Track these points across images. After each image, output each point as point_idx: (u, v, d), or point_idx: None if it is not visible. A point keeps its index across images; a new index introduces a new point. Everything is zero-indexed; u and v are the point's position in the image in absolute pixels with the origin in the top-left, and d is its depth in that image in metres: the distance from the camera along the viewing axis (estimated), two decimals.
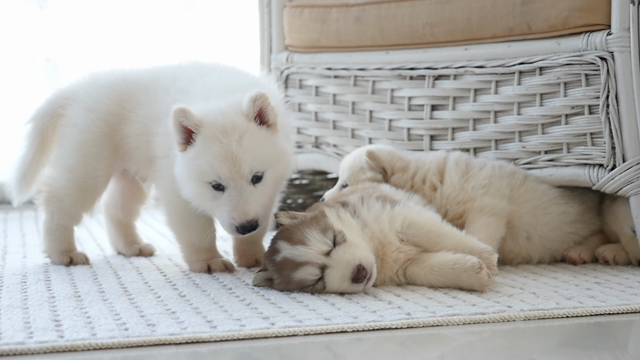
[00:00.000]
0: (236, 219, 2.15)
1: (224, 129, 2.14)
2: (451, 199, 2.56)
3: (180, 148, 2.19)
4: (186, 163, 2.18)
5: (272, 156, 2.20)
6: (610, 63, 2.42)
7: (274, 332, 1.80)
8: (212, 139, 2.14)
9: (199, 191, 2.19)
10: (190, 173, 2.18)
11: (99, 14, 3.94)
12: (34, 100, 3.85)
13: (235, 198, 2.14)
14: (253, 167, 2.15)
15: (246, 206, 2.14)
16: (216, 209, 2.19)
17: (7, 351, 1.66)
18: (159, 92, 2.41)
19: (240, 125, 2.15)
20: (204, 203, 2.22)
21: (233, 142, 2.13)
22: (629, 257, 2.55)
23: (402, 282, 2.25)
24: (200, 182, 2.17)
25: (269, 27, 3.23)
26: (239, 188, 2.14)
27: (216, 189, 2.16)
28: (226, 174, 2.13)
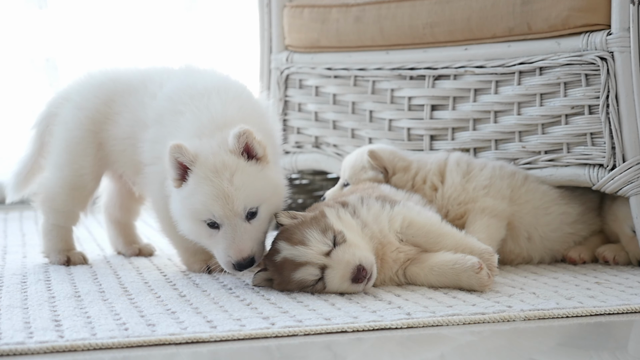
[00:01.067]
0: (232, 257, 2.14)
1: (214, 168, 2.13)
2: (452, 199, 2.56)
3: (175, 184, 2.18)
4: (181, 201, 2.18)
5: (265, 191, 2.18)
6: (610, 63, 2.42)
7: (274, 332, 1.80)
8: (204, 178, 2.13)
9: (194, 229, 2.19)
10: (184, 211, 2.17)
11: (99, 14, 3.94)
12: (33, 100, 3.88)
13: (230, 236, 2.14)
14: (247, 204, 2.14)
15: (241, 244, 2.14)
16: (213, 247, 2.19)
17: (7, 351, 1.66)
18: (145, 96, 2.40)
19: (231, 164, 2.14)
20: (200, 240, 2.22)
21: (224, 181, 2.12)
22: (629, 257, 2.55)
23: (402, 282, 2.25)
24: (195, 220, 2.16)
25: (269, 27, 3.22)
26: (234, 226, 2.13)
27: (211, 227, 2.15)
28: (219, 213, 2.12)
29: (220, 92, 2.31)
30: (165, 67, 2.52)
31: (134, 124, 2.39)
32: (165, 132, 2.28)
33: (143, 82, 2.44)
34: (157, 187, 2.31)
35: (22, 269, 2.45)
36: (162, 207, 2.32)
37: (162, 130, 2.30)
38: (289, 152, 3.18)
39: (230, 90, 2.35)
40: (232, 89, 2.36)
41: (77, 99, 2.51)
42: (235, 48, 4.05)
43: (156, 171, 2.30)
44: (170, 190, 2.22)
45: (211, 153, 2.15)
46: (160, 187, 2.28)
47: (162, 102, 2.34)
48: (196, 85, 2.34)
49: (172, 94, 2.34)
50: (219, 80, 2.40)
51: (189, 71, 2.47)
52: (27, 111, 3.90)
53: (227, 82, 2.41)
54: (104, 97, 2.48)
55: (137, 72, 2.53)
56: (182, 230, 2.23)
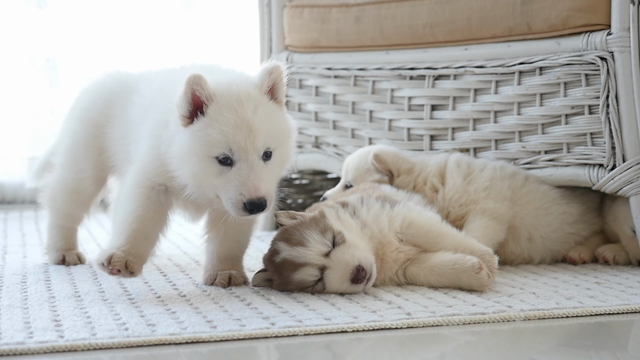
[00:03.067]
0: (245, 194, 1.98)
1: (239, 98, 2.01)
2: (454, 201, 2.56)
3: (183, 122, 2.03)
4: (192, 136, 2.01)
5: (283, 132, 2.08)
6: (610, 63, 2.42)
7: (274, 332, 1.80)
8: (227, 107, 1.99)
9: (202, 167, 2.01)
10: (195, 146, 2.00)
11: (99, 14, 3.94)
12: (33, 100, 3.88)
13: (245, 172, 1.99)
14: (266, 141, 2.02)
15: (257, 181, 1.99)
16: (221, 186, 2.01)
17: (7, 351, 1.66)
18: (137, 96, 2.32)
19: (255, 97, 2.03)
20: (206, 181, 2.03)
21: (249, 112, 2.00)
22: (629, 257, 2.55)
23: (402, 282, 2.25)
24: (205, 156, 2.00)
25: (269, 27, 3.22)
26: (251, 162, 1.99)
27: (223, 164, 2.00)
28: (240, 144, 1.98)
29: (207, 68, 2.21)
30: (165, 68, 2.45)
31: (126, 124, 2.32)
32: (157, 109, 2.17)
33: (137, 83, 2.37)
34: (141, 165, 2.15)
35: (22, 269, 2.45)
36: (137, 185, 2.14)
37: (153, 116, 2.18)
38: None
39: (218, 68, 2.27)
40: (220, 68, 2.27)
41: (85, 100, 2.48)
42: (235, 48, 4.05)
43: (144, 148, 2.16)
44: (174, 135, 2.05)
45: (234, 83, 2.04)
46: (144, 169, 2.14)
47: (152, 95, 2.25)
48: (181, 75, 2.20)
49: (160, 88, 2.25)
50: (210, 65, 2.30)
51: (180, 68, 2.36)
52: (27, 111, 3.90)
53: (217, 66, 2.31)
54: (107, 99, 2.42)
55: (138, 73, 2.47)
56: (184, 172, 2.04)
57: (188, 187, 2.09)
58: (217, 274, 2.23)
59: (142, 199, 2.13)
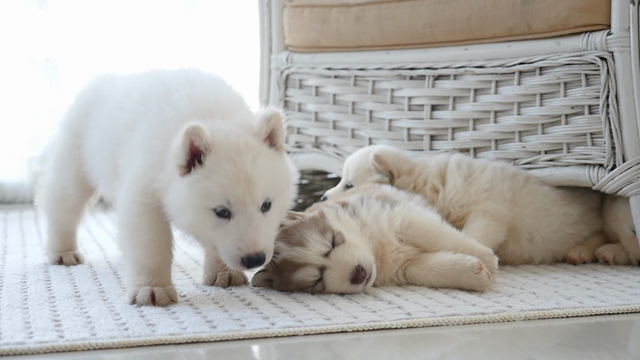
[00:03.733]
0: (243, 249, 1.90)
1: (237, 149, 1.91)
2: (454, 201, 2.56)
3: (181, 172, 1.92)
4: (188, 186, 1.91)
5: (282, 182, 2.00)
6: (610, 63, 2.42)
7: (274, 332, 1.80)
8: (226, 159, 1.90)
9: (199, 219, 1.92)
10: (192, 198, 1.91)
11: (99, 14, 3.94)
12: (33, 100, 3.88)
13: (243, 226, 1.90)
14: (265, 192, 1.93)
15: (256, 235, 1.90)
16: (219, 239, 1.93)
17: (7, 351, 1.66)
18: (113, 108, 2.21)
19: (254, 146, 1.94)
20: (203, 232, 1.95)
21: (248, 163, 1.91)
22: (629, 257, 2.55)
23: (402, 283, 2.25)
24: (202, 208, 1.91)
25: (269, 27, 3.23)
26: (249, 215, 1.90)
27: (220, 217, 1.91)
28: (239, 197, 1.89)
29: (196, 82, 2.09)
30: (138, 72, 2.32)
31: (102, 137, 2.23)
32: (145, 129, 2.05)
33: (110, 92, 2.28)
34: (130, 185, 2.04)
35: (22, 269, 2.45)
36: (130, 207, 2.04)
37: (137, 135, 2.08)
38: (289, 152, 3.18)
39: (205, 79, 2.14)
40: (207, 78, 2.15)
41: (70, 105, 2.44)
42: (236, 48, 4.05)
43: (131, 169, 2.05)
44: (170, 181, 1.96)
45: (232, 132, 1.94)
46: (133, 185, 2.03)
47: (134, 107, 2.13)
48: (164, 81, 2.13)
49: (141, 98, 2.13)
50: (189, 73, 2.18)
51: (153, 72, 2.25)
52: (27, 111, 3.90)
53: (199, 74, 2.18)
54: (84, 109, 2.37)
55: (111, 79, 2.38)
56: (180, 222, 1.96)
57: (188, 235, 2.03)
58: (217, 274, 2.22)
59: (146, 228, 2.03)
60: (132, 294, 2.02)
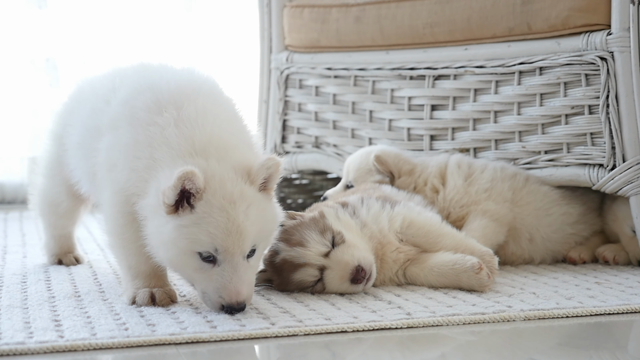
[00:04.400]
0: (225, 298, 1.86)
1: (232, 199, 1.84)
2: (454, 202, 2.56)
3: (167, 210, 1.84)
4: (176, 229, 1.84)
5: (270, 228, 1.95)
6: (610, 63, 2.42)
7: (274, 332, 1.80)
8: (218, 208, 1.83)
9: (181, 260, 1.87)
10: (177, 240, 1.84)
11: (99, 14, 3.94)
12: (33, 100, 3.88)
13: (228, 275, 1.85)
14: (254, 241, 1.88)
15: (240, 285, 1.86)
16: (200, 282, 1.89)
17: (7, 351, 1.66)
18: (97, 102, 2.12)
19: (248, 195, 1.86)
20: (183, 271, 1.91)
21: (240, 214, 1.84)
22: (629, 257, 2.55)
23: (402, 283, 2.25)
24: (187, 250, 1.85)
25: (269, 27, 3.23)
26: (235, 264, 1.85)
27: (205, 261, 1.86)
28: (227, 248, 1.84)
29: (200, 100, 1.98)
30: (115, 68, 2.25)
31: (84, 132, 2.13)
32: (128, 141, 1.96)
33: (93, 88, 2.19)
34: (112, 195, 2.00)
35: (22, 269, 2.45)
36: (116, 218, 2.00)
37: (119, 138, 1.99)
38: (289, 152, 3.18)
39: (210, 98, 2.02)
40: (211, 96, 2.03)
41: (57, 110, 2.38)
42: (235, 48, 4.05)
43: (112, 179, 1.99)
44: (154, 214, 1.88)
45: (228, 180, 1.86)
46: (116, 196, 1.98)
47: (117, 108, 2.03)
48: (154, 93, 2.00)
49: (130, 98, 2.03)
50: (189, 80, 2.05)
51: (143, 69, 2.16)
52: (27, 111, 3.90)
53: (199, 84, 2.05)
54: (66, 113, 2.30)
55: (89, 78, 2.30)
56: (161, 257, 1.91)
57: (168, 268, 1.99)
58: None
59: (135, 236, 1.97)
60: (132, 296, 2.01)
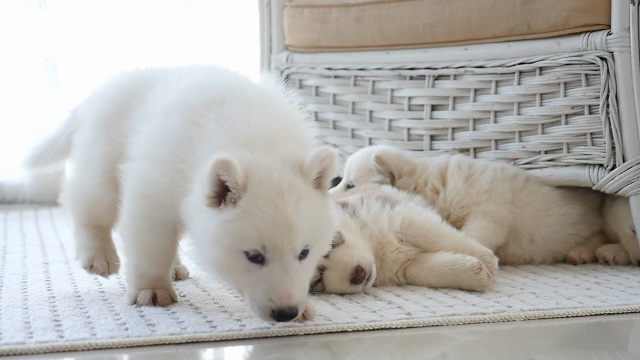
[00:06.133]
0: (276, 302, 1.70)
1: (280, 189, 1.70)
2: (455, 202, 2.56)
3: (207, 202, 1.72)
4: (219, 225, 1.71)
5: (324, 227, 1.79)
6: (610, 63, 2.42)
7: (274, 332, 1.80)
8: (265, 199, 1.69)
9: (227, 260, 1.73)
10: (222, 237, 1.71)
11: (99, 14, 3.94)
12: (33, 100, 3.88)
13: (278, 275, 1.70)
14: (306, 239, 1.73)
15: (291, 287, 1.70)
16: (247, 285, 1.74)
17: (7, 351, 1.66)
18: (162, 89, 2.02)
19: (299, 187, 1.72)
20: (230, 274, 1.76)
21: (290, 206, 1.69)
22: (629, 257, 2.55)
23: (402, 283, 2.25)
24: (233, 249, 1.71)
25: (269, 27, 3.23)
26: (285, 263, 1.70)
27: (252, 261, 1.71)
28: (276, 244, 1.69)
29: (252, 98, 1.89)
30: (188, 65, 2.15)
31: (142, 117, 2.01)
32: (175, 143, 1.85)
33: (165, 75, 2.08)
34: (138, 184, 1.90)
35: (22, 269, 2.45)
36: (138, 211, 1.91)
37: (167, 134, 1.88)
38: None
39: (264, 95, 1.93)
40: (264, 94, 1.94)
41: (98, 99, 2.19)
42: (235, 48, 4.05)
43: (138, 170, 1.90)
44: (197, 211, 1.76)
45: (275, 170, 1.72)
46: (141, 185, 1.88)
47: (173, 96, 1.95)
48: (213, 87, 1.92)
49: (187, 91, 1.94)
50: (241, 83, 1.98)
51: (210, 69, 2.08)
52: (27, 111, 3.90)
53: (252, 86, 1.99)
54: (120, 100, 2.11)
55: (160, 68, 2.18)
56: (206, 259, 1.78)
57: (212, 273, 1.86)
58: None
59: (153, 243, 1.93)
60: (133, 295, 2.00)
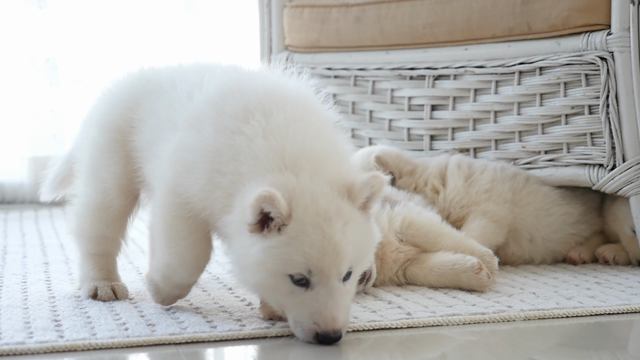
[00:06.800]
0: (321, 325, 1.69)
1: (327, 215, 1.68)
2: (455, 202, 2.56)
3: (250, 229, 1.70)
4: (264, 250, 1.69)
5: (368, 249, 1.79)
6: (610, 63, 2.42)
7: (273, 332, 1.80)
8: (313, 226, 1.67)
9: (271, 283, 1.71)
10: (267, 262, 1.69)
11: (99, 13, 3.94)
12: (33, 100, 3.88)
13: (324, 299, 1.69)
14: (351, 262, 1.72)
15: (336, 311, 1.69)
16: (292, 307, 1.72)
17: (7, 351, 1.66)
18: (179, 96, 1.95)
19: (345, 212, 1.71)
20: (273, 296, 1.74)
21: (337, 232, 1.68)
22: (629, 257, 2.55)
23: (402, 283, 2.25)
24: (278, 273, 1.70)
25: (269, 27, 3.22)
26: (330, 287, 1.69)
27: (297, 284, 1.70)
28: (323, 269, 1.68)
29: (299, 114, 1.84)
30: (202, 64, 2.07)
31: (158, 128, 1.94)
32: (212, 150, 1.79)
33: (171, 80, 2.00)
34: (168, 195, 1.84)
35: (22, 269, 2.45)
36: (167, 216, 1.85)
37: (201, 142, 1.81)
38: None
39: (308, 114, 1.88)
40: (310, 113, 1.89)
41: (104, 102, 2.11)
42: (235, 48, 4.05)
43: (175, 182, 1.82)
44: (239, 232, 1.73)
45: (322, 195, 1.70)
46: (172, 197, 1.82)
47: (202, 106, 1.86)
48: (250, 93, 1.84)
49: (218, 100, 1.85)
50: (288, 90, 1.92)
51: (233, 70, 2.00)
52: (27, 111, 3.90)
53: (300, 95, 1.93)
54: (131, 101, 2.05)
55: (168, 70, 2.09)
56: (247, 280, 1.75)
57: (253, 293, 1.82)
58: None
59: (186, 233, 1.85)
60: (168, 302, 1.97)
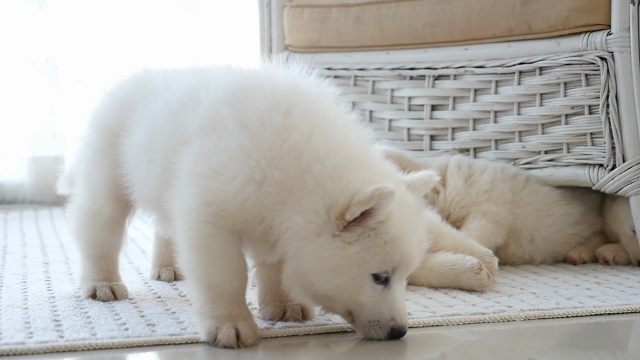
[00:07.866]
0: (397, 321, 1.70)
1: (417, 211, 1.72)
2: (455, 203, 2.56)
3: (341, 228, 1.63)
4: (361, 252, 1.64)
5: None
6: (610, 63, 2.42)
7: (273, 332, 1.80)
8: (408, 223, 1.67)
9: (355, 284, 1.66)
10: (360, 264, 1.64)
11: (99, 14, 3.94)
12: (33, 100, 3.88)
13: (398, 295, 1.69)
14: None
15: (405, 307, 1.72)
16: (370, 307, 1.68)
17: (7, 351, 1.66)
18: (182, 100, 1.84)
19: (419, 208, 1.75)
20: (352, 299, 1.68)
21: (421, 228, 1.71)
22: (629, 257, 2.56)
23: None
24: (365, 273, 1.66)
25: (269, 27, 3.23)
26: (401, 284, 1.71)
27: (378, 282, 1.68)
28: (412, 266, 1.70)
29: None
30: (198, 66, 1.99)
31: (153, 134, 1.85)
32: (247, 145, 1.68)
33: (166, 83, 1.92)
34: (199, 204, 1.70)
35: (22, 269, 2.45)
36: (200, 227, 1.70)
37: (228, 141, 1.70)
38: None
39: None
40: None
41: (101, 104, 2.07)
42: (235, 48, 4.05)
43: (206, 186, 1.69)
44: (315, 235, 1.64)
45: (405, 193, 1.71)
46: (204, 205, 1.69)
47: (218, 108, 1.75)
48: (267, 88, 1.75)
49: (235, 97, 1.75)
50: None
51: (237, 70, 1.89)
52: (27, 111, 3.90)
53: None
54: (124, 103, 1.99)
55: (164, 73, 2.01)
56: (321, 286, 1.66)
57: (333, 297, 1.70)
58: (286, 306, 1.90)
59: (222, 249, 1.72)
60: (212, 331, 1.71)
